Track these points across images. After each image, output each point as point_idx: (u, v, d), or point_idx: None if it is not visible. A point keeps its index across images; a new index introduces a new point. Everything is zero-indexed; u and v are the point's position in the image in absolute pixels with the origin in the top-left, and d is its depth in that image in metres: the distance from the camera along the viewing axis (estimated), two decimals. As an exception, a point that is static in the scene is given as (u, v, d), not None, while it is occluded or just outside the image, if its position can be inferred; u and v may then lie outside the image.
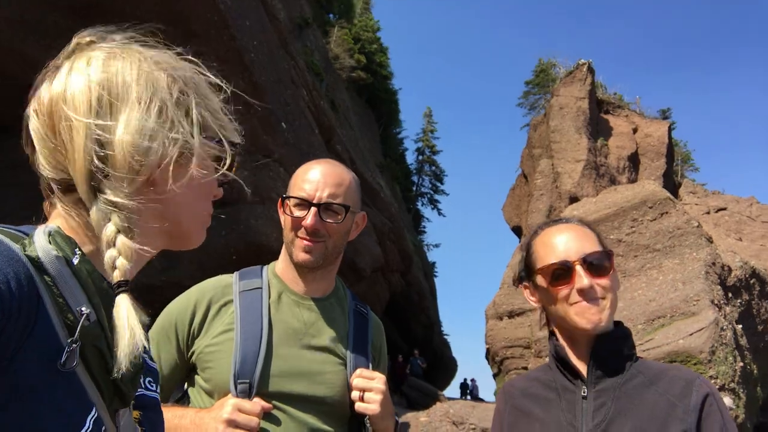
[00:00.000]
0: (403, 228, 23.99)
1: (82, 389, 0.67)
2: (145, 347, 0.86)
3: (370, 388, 1.47)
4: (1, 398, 0.59)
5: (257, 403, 1.36)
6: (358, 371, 1.50)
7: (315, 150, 14.44)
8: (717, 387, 11.09)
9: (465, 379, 32.62)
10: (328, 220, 1.51)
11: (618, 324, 1.41)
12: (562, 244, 1.41)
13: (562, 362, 1.40)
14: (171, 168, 0.77)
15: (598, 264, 1.36)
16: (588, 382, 1.35)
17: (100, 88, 0.74)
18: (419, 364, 24.48)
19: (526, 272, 1.50)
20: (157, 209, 0.78)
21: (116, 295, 0.70)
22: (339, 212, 1.52)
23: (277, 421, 1.41)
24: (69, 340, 0.65)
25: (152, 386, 0.87)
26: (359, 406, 1.46)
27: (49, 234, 0.70)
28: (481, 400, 26.00)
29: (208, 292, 1.54)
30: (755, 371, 14.98)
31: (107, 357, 0.69)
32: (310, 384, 1.45)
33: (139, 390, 0.82)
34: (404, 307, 23.52)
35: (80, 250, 0.72)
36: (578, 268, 1.35)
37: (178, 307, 1.52)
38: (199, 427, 1.33)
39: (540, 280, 1.43)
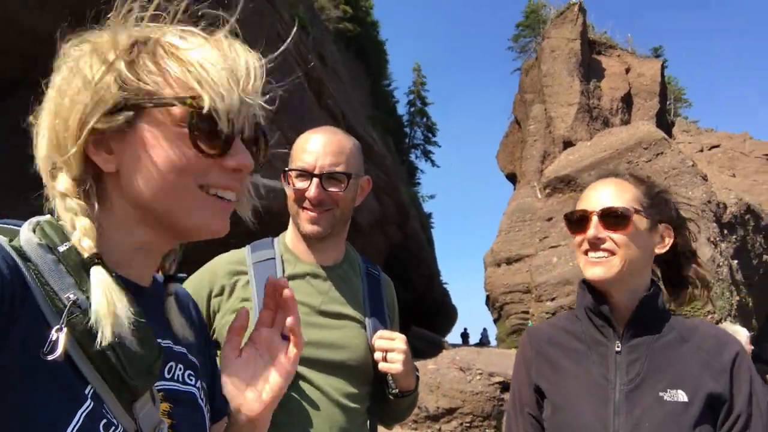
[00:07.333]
0: (398, 180, 23.94)
1: (73, 381, 0.63)
2: (187, 339, 0.84)
3: (392, 348, 1.49)
4: None
5: None
6: (379, 333, 1.52)
7: (306, 105, 14.19)
8: (715, 322, 11.32)
9: (465, 329, 33.08)
10: (332, 189, 1.50)
11: (653, 282, 1.43)
12: (592, 195, 1.43)
13: (598, 315, 1.40)
14: (87, 134, 0.69)
15: (615, 218, 1.36)
16: (623, 336, 1.37)
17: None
18: None
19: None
20: (115, 189, 0.72)
21: (88, 270, 0.66)
22: (342, 180, 1.51)
23: (304, 388, 1.44)
24: (55, 328, 0.61)
25: (191, 380, 0.83)
26: (383, 366, 1.49)
27: (37, 224, 0.70)
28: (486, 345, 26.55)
29: (221, 268, 1.54)
30: (750, 304, 15.30)
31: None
32: (333, 350, 1.48)
33: (171, 383, 0.79)
34: (404, 259, 23.71)
35: None
36: (594, 218, 1.37)
37: (193, 288, 1.49)
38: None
39: (568, 225, 1.47)
